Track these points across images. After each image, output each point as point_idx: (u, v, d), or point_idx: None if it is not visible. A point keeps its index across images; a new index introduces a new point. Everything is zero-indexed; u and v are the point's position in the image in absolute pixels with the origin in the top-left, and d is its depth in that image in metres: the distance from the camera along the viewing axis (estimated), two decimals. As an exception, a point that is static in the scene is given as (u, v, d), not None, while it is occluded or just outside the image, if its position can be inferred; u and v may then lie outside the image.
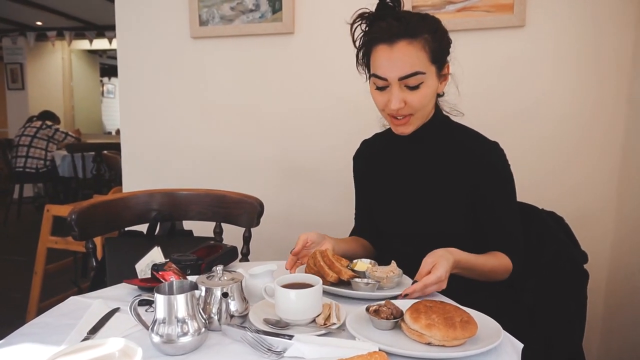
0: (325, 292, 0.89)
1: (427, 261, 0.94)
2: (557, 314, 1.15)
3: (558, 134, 1.71)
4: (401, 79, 1.03)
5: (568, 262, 1.17)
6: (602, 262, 1.72)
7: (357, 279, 0.96)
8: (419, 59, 1.03)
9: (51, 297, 2.46)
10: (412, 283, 0.93)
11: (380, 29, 1.05)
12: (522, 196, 1.28)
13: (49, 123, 5.17)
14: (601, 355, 1.75)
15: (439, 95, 1.16)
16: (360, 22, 1.11)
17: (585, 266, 1.19)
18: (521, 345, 0.77)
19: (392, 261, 1.02)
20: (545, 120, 1.72)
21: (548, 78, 1.70)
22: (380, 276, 0.97)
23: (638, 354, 1.52)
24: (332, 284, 0.96)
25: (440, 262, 0.93)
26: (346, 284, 0.97)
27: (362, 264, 1.02)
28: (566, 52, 1.68)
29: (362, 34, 1.11)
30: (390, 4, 1.08)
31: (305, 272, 1.02)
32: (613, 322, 1.69)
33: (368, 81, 1.15)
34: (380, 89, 1.08)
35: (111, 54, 8.14)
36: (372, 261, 1.05)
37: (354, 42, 1.13)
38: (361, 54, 1.13)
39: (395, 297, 0.91)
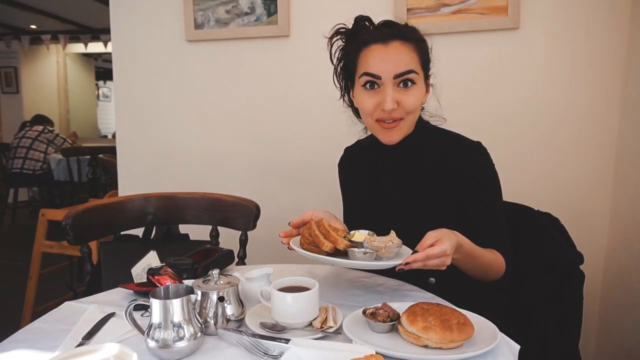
0: (321, 264, 0.83)
1: (431, 235, 0.89)
2: (553, 315, 1.15)
3: (552, 135, 1.72)
4: (396, 76, 1.03)
5: (564, 263, 1.17)
6: (598, 262, 1.72)
7: (354, 248, 0.91)
8: (412, 59, 1.05)
9: (46, 301, 2.44)
10: (413, 253, 0.88)
11: (370, 32, 1.07)
12: (517, 197, 1.29)
13: (50, 128, 5.22)
14: (597, 356, 1.75)
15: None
16: (338, 38, 1.12)
17: (581, 267, 1.19)
18: (518, 347, 0.77)
19: (392, 230, 0.97)
20: (539, 122, 1.73)
21: (542, 79, 1.71)
22: (379, 246, 0.91)
23: (635, 354, 1.52)
24: (329, 254, 0.92)
25: (444, 238, 0.89)
26: (343, 254, 0.93)
27: (360, 235, 0.96)
28: (560, 53, 1.69)
29: (341, 46, 1.12)
30: (367, 25, 1.10)
31: (300, 243, 0.98)
32: (609, 322, 1.69)
33: (342, 98, 1.17)
34: (371, 89, 1.06)
35: (106, 58, 8.10)
36: (370, 232, 0.98)
37: (331, 57, 1.14)
38: (342, 64, 1.14)
39: (395, 267, 0.87)
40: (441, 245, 0.88)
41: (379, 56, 1.04)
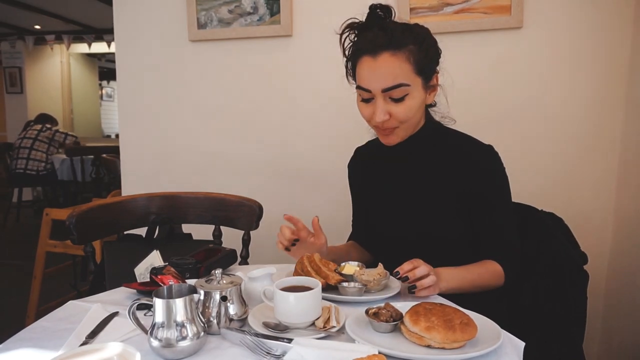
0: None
1: (405, 262, 0.95)
2: (557, 316, 1.15)
3: (555, 134, 1.72)
4: (384, 90, 1.03)
5: (568, 263, 1.17)
6: (602, 262, 1.72)
7: (344, 284, 0.96)
8: (402, 71, 1.02)
9: (50, 301, 2.45)
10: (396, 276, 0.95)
11: (365, 39, 1.05)
12: (521, 197, 1.28)
13: (48, 125, 5.20)
14: (602, 356, 1.74)
15: (430, 106, 1.16)
16: (349, 32, 1.11)
17: (585, 267, 1.19)
18: (522, 344, 0.76)
19: (379, 264, 1.02)
20: (543, 122, 1.72)
21: (546, 79, 1.70)
22: (367, 279, 0.97)
23: (639, 354, 1.52)
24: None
25: (417, 260, 0.96)
26: (334, 288, 0.97)
27: (350, 267, 1.03)
28: (563, 53, 1.68)
29: (350, 44, 1.11)
30: (381, 13, 1.08)
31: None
32: (613, 323, 1.69)
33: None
34: (366, 101, 1.07)
35: (110, 58, 8.13)
36: (360, 264, 1.05)
37: (344, 52, 1.13)
38: (349, 64, 1.13)
39: (387, 299, 0.92)
40: (414, 261, 0.95)
41: (368, 70, 1.04)
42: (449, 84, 1.17)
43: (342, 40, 1.12)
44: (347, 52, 1.13)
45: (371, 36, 1.04)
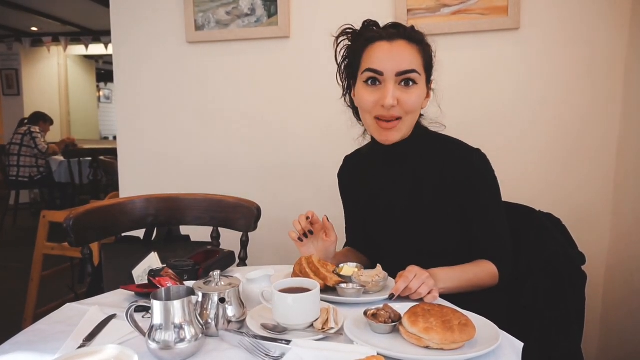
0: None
1: (400, 280, 0.95)
2: (555, 316, 1.15)
3: (553, 135, 1.72)
4: (399, 74, 1.03)
5: (566, 264, 1.17)
6: (600, 263, 1.72)
7: (342, 285, 0.96)
8: (416, 59, 1.06)
9: (48, 303, 2.45)
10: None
11: (376, 31, 1.08)
12: (519, 198, 1.29)
13: (32, 130, 5.06)
14: (600, 357, 1.74)
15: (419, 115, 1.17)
16: (344, 38, 1.13)
17: (583, 267, 1.19)
18: (521, 345, 0.76)
19: (378, 265, 1.02)
20: (540, 122, 1.72)
21: (543, 80, 1.71)
22: (366, 280, 0.97)
23: (637, 354, 1.52)
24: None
25: (408, 268, 0.95)
26: (332, 289, 0.97)
27: (348, 269, 1.03)
28: (561, 54, 1.68)
29: (346, 46, 1.14)
30: (375, 28, 1.11)
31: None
32: (612, 323, 1.69)
33: (344, 98, 1.19)
34: (372, 85, 1.06)
35: (107, 59, 8.10)
36: (358, 265, 1.05)
37: (336, 56, 1.15)
38: (346, 63, 1.14)
39: (386, 300, 0.92)
40: (410, 270, 0.94)
41: (382, 52, 1.05)
42: (447, 84, 1.17)
43: (337, 44, 1.14)
44: (343, 52, 1.14)
45: (381, 30, 1.08)
